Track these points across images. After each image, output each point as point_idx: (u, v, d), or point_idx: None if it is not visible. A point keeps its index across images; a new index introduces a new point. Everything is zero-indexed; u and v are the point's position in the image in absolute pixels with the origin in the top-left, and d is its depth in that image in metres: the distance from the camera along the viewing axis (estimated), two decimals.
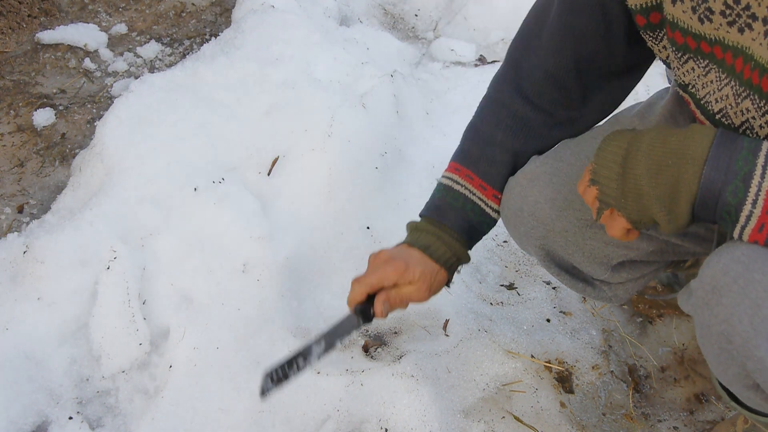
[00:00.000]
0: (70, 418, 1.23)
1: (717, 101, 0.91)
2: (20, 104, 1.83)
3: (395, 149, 1.70)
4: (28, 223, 1.53)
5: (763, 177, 0.76)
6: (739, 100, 0.86)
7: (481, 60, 2.15)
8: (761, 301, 0.77)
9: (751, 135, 0.88)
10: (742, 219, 0.78)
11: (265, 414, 1.27)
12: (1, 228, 1.56)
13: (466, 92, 1.99)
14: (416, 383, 1.31)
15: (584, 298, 1.63)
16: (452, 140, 1.83)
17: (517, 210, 1.13)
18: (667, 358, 1.55)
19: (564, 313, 1.60)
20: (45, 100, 1.85)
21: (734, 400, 1.03)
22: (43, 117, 1.79)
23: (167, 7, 2.19)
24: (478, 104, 1.20)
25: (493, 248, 1.71)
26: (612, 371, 1.49)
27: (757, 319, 0.77)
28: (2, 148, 1.73)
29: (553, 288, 1.65)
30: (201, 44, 2.01)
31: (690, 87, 0.96)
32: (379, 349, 1.43)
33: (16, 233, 1.46)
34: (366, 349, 1.43)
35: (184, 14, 2.19)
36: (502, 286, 1.64)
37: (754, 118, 0.86)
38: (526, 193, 1.11)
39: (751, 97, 0.84)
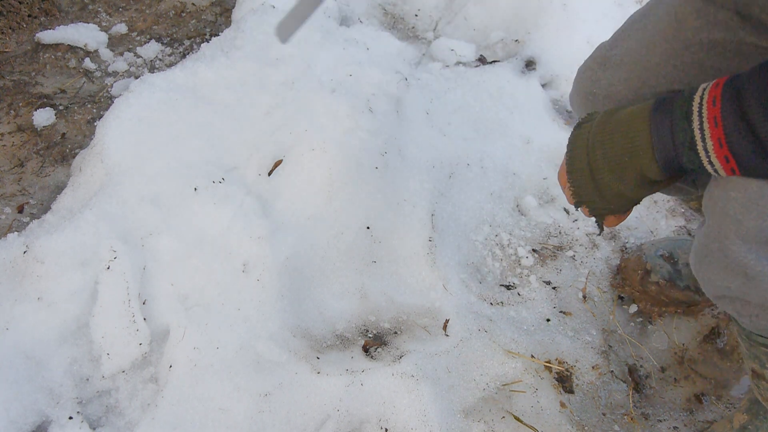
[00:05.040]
0: (70, 418, 1.23)
1: None
2: (20, 104, 1.83)
3: (395, 149, 1.70)
4: (28, 223, 1.53)
5: (704, 140, 0.82)
6: None
7: (481, 60, 2.14)
8: (741, 216, 0.85)
9: None
10: (711, 171, 0.84)
11: (265, 414, 1.27)
12: (1, 228, 1.56)
13: (466, 92, 1.98)
14: (416, 383, 1.31)
15: (584, 298, 1.63)
16: (452, 140, 1.85)
17: (588, 94, 1.15)
18: (667, 358, 1.55)
19: (564, 313, 1.60)
20: (45, 100, 1.85)
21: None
22: (43, 117, 1.79)
23: (167, 7, 2.19)
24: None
25: (493, 248, 1.71)
26: (612, 371, 1.49)
27: (742, 230, 0.86)
28: (2, 148, 1.73)
29: (553, 288, 1.65)
30: (201, 44, 2.01)
31: None
32: (379, 349, 1.43)
33: (16, 233, 1.46)
34: (366, 349, 1.43)
35: (184, 14, 2.19)
36: (502, 286, 1.64)
37: None
38: (597, 77, 1.13)
39: None
